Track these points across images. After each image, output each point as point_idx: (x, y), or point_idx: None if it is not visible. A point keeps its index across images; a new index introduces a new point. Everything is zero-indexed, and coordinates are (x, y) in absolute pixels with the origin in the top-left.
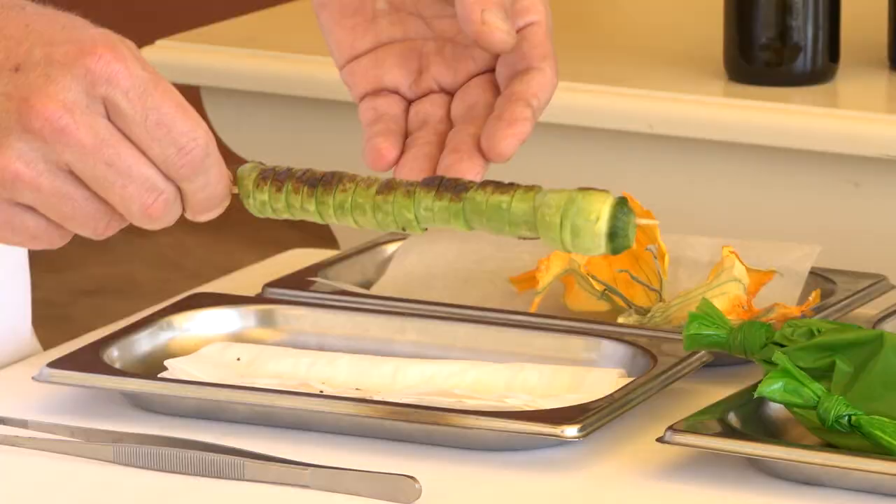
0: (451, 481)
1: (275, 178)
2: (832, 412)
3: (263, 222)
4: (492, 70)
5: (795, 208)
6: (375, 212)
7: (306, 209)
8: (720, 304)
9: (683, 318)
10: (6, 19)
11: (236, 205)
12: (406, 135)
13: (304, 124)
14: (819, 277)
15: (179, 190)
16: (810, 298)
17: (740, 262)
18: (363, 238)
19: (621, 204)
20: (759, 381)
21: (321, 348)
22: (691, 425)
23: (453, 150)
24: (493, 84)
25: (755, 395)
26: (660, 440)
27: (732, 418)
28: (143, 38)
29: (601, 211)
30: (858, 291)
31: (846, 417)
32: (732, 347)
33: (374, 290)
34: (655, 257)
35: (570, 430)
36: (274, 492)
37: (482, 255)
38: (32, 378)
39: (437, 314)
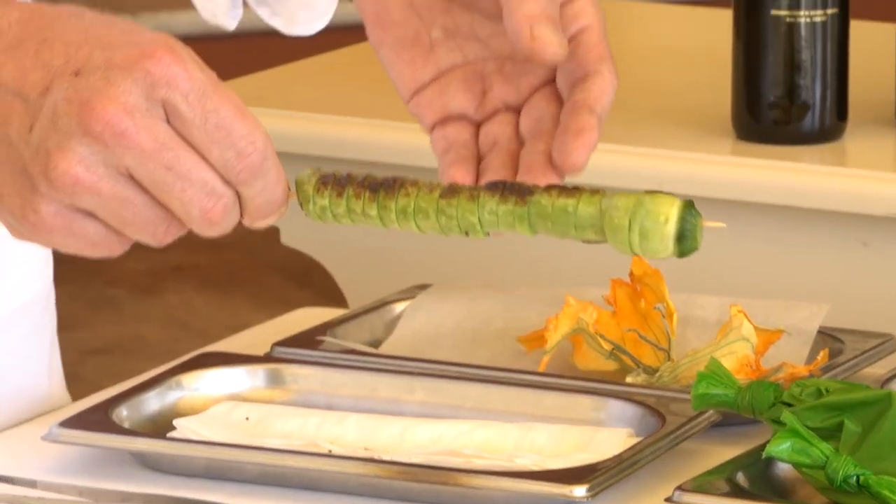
0: None
1: (335, 182)
2: (841, 472)
3: (271, 280)
4: (553, 81)
5: (804, 267)
6: (439, 216)
7: (368, 214)
8: (728, 363)
9: (692, 377)
10: (65, 25)
11: (245, 263)
12: (479, 158)
13: None
14: (827, 337)
15: (238, 195)
16: (818, 358)
17: (748, 321)
18: (372, 296)
19: (689, 206)
20: (768, 441)
21: (330, 408)
22: (700, 485)
23: (527, 170)
24: (557, 94)
25: (763, 455)
26: (668, 500)
27: (741, 478)
28: None
29: (670, 213)
30: (867, 351)
31: (855, 477)
32: (741, 407)
33: (382, 349)
34: (664, 316)
35: (579, 490)
36: None
37: (491, 314)
38: (41, 437)
39: (446, 373)
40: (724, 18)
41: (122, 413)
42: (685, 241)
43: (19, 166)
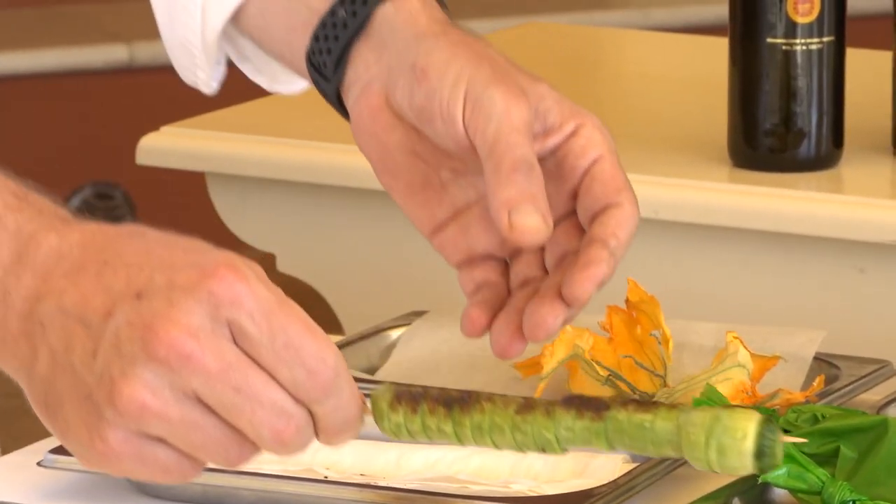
0: None
1: (410, 398)
2: (837, 497)
3: None
4: (574, 213)
5: (800, 294)
6: (514, 432)
7: (443, 431)
8: (724, 389)
9: (688, 403)
10: (125, 246)
11: None
12: (508, 294)
13: (309, 210)
14: (823, 363)
15: (311, 413)
16: (814, 384)
17: (744, 347)
18: (368, 323)
19: (768, 422)
20: None
21: None
22: None
23: (537, 298)
24: (579, 226)
25: (760, 481)
26: None
27: (737, 503)
28: (148, 125)
29: (747, 429)
30: (863, 377)
31: (851, 503)
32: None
33: (378, 376)
34: (660, 343)
35: None
36: None
37: (487, 340)
38: (37, 464)
39: None
40: (720, 46)
41: None
42: (764, 458)
43: (84, 393)
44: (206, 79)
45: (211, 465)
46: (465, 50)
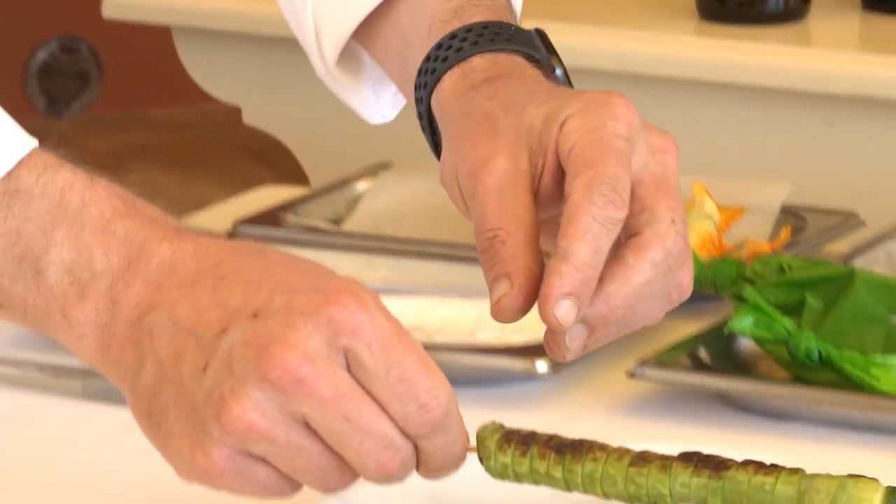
0: None
1: (519, 441)
2: (802, 347)
3: (234, 159)
4: None
5: (767, 146)
6: (627, 484)
7: (552, 476)
8: (691, 240)
9: None
10: (244, 263)
11: (207, 143)
12: None
13: (275, 63)
14: (790, 214)
15: (416, 447)
16: (781, 235)
17: (711, 198)
18: (334, 175)
19: (893, 493)
20: (730, 317)
21: None
22: (661, 360)
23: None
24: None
25: (726, 331)
26: (630, 375)
27: (703, 353)
28: None
29: (874, 500)
30: (829, 228)
31: (816, 352)
32: (703, 283)
33: (344, 227)
34: None
35: (541, 365)
36: None
37: None
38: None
39: (408, 251)
40: None
41: None
42: None
43: (191, 407)
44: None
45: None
46: None
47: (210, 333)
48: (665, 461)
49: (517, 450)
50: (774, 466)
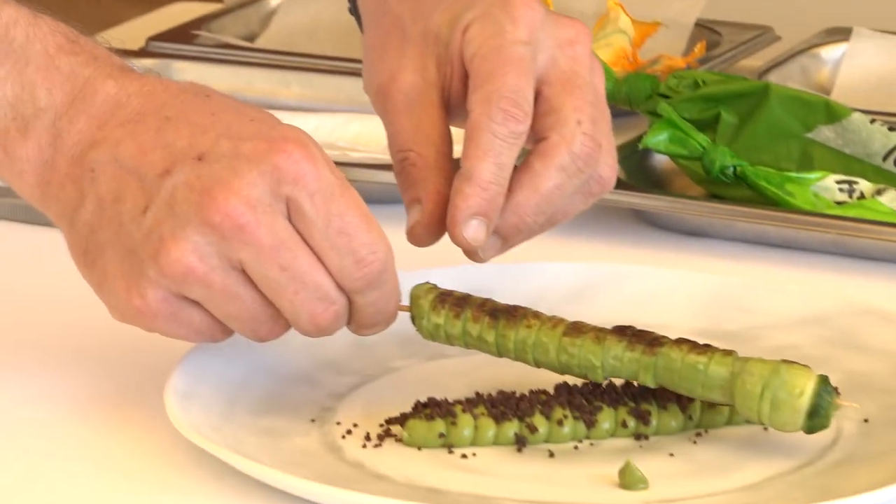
0: None
1: (454, 303)
2: (717, 163)
3: None
4: None
5: None
6: (559, 353)
7: (484, 339)
8: (605, 56)
9: None
10: (190, 104)
11: None
12: None
13: None
14: (705, 29)
15: (350, 302)
16: (696, 50)
17: (626, 13)
18: None
19: (825, 382)
20: (645, 133)
21: None
22: None
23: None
24: None
25: (640, 147)
26: None
27: (618, 170)
28: None
29: (806, 386)
30: (744, 43)
31: (731, 168)
32: (618, 99)
33: (258, 44)
34: None
35: None
36: None
37: None
38: None
39: (321, 67)
40: None
41: None
42: (816, 419)
43: (128, 247)
44: None
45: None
46: None
47: (153, 174)
48: (599, 333)
49: (451, 311)
50: (708, 346)
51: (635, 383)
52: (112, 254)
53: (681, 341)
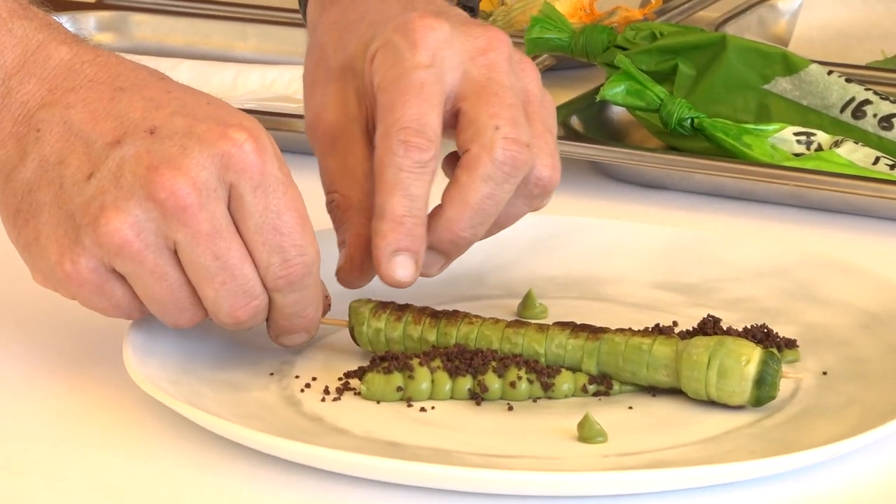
0: None
1: (395, 308)
2: (675, 115)
3: None
4: None
5: None
6: (503, 343)
7: (425, 339)
8: (562, 7)
9: (525, 21)
10: (144, 80)
11: None
12: None
13: None
14: None
15: (270, 301)
16: (652, 1)
17: None
18: None
19: (771, 353)
20: (602, 85)
21: (162, 55)
22: None
23: None
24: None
25: (598, 99)
26: None
27: (575, 122)
28: None
29: (752, 355)
30: None
31: (689, 120)
32: (575, 51)
33: None
34: None
35: None
36: None
37: None
38: None
39: (279, 19)
40: None
41: None
42: (763, 387)
43: (66, 211)
44: None
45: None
46: None
47: (102, 142)
48: (542, 325)
49: (392, 315)
50: (652, 332)
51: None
52: (48, 216)
53: (625, 329)
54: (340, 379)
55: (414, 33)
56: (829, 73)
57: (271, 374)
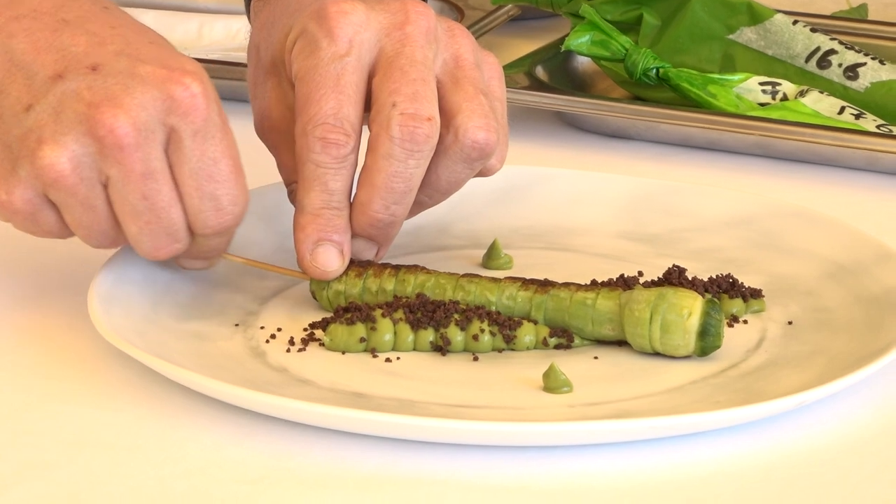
0: (256, 140)
1: (357, 265)
2: (640, 65)
3: None
4: None
5: None
6: (456, 291)
7: (383, 289)
8: None
9: None
10: (89, 12)
11: None
12: None
13: None
14: None
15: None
16: None
17: None
18: None
19: (712, 303)
20: (567, 35)
21: (126, 4)
22: None
23: None
24: None
25: (562, 49)
26: None
27: (540, 72)
28: None
29: (693, 307)
30: None
31: (654, 70)
32: (539, 1)
33: None
34: None
35: None
36: None
37: None
38: None
39: None
40: None
41: None
42: (707, 338)
43: (3, 141)
44: None
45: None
46: None
47: (44, 74)
48: (495, 279)
49: (353, 272)
50: (597, 285)
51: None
52: None
53: (572, 284)
54: (305, 330)
55: (329, 20)
56: (795, 22)
57: (236, 324)
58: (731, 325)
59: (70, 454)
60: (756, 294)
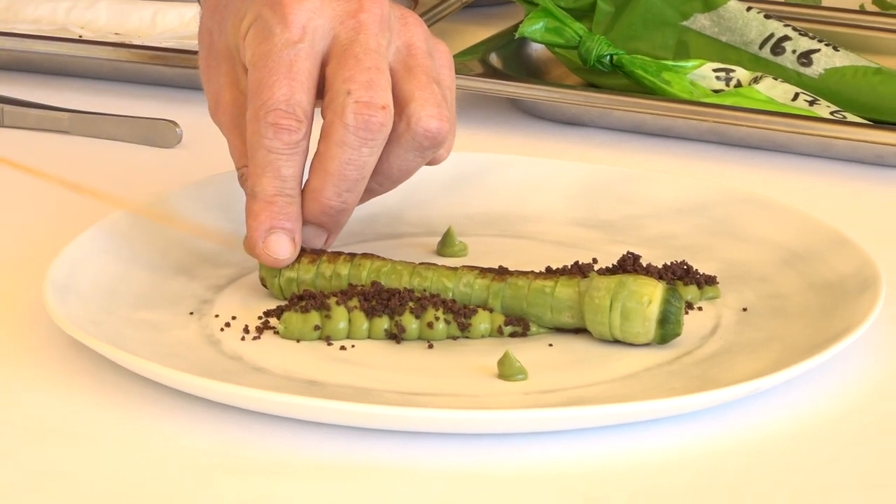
0: (211, 127)
1: (310, 252)
2: (594, 52)
3: None
4: None
5: None
6: (413, 277)
7: (338, 274)
8: None
9: None
10: None
11: None
12: None
13: None
14: None
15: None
16: None
17: None
18: None
19: (672, 290)
20: (520, 22)
21: None
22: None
23: None
24: None
25: (516, 36)
26: None
27: (494, 59)
28: None
29: (653, 294)
30: None
31: (608, 57)
32: None
33: None
34: None
35: None
36: (33, 137)
37: None
38: None
39: None
40: None
41: None
42: (668, 325)
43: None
44: None
45: None
46: None
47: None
48: (453, 267)
49: (307, 258)
50: (556, 272)
51: None
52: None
53: (530, 272)
54: (260, 318)
55: (283, 7)
56: (748, 9)
57: (191, 313)
58: (686, 312)
59: (30, 444)
60: (711, 281)
